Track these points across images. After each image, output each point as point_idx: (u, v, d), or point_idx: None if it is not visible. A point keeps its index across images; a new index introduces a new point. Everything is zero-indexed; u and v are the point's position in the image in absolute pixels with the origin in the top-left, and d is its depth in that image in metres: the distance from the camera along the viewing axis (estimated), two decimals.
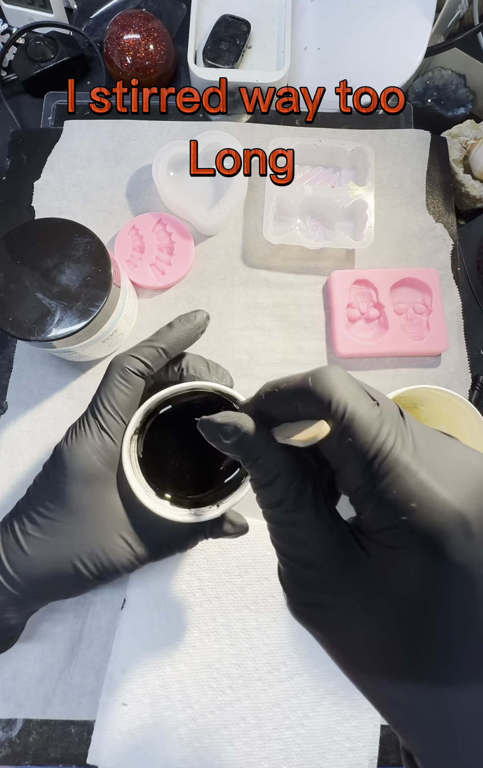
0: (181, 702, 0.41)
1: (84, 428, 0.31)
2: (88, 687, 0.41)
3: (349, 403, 0.19)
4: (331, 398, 0.19)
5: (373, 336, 0.47)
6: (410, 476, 0.17)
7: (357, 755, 0.40)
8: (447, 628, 0.17)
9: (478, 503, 0.17)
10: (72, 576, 0.30)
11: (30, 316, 0.37)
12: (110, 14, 0.58)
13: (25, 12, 0.57)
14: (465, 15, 0.54)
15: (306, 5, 0.54)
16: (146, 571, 0.43)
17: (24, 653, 0.42)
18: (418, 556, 0.17)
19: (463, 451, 0.19)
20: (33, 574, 0.30)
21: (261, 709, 0.41)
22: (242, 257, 0.49)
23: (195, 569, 0.43)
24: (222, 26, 0.53)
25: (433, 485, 0.17)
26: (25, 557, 0.30)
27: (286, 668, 0.41)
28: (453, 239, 0.50)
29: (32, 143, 0.52)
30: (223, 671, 0.41)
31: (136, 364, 0.31)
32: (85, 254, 0.39)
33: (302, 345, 0.48)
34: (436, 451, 0.19)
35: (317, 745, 0.40)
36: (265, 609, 0.42)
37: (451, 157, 0.53)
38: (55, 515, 0.30)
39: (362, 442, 0.18)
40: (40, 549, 0.30)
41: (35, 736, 0.41)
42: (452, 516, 0.17)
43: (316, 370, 0.20)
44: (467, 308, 0.49)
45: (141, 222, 0.49)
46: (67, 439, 0.31)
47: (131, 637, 0.42)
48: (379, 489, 0.18)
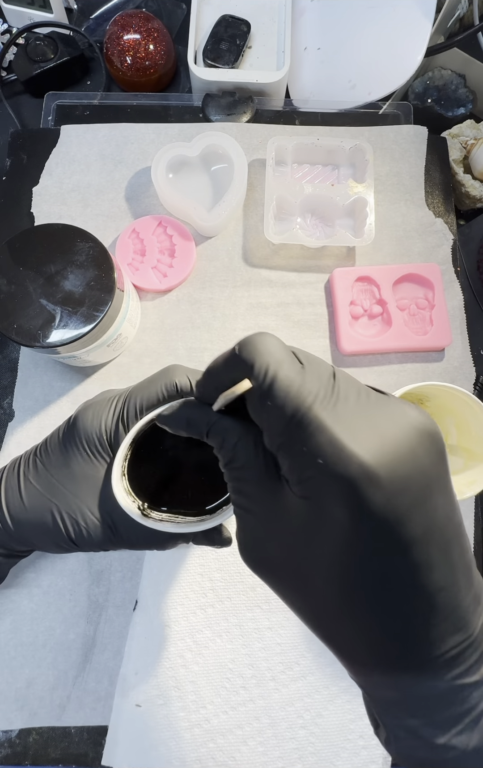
0: (195, 702, 0.41)
1: (108, 411, 0.32)
2: (103, 692, 0.41)
3: (271, 365, 0.20)
4: (253, 362, 0.20)
5: (376, 332, 0.47)
6: (321, 433, 0.18)
7: (371, 753, 0.40)
8: (368, 579, 0.19)
9: (389, 455, 0.18)
10: (51, 531, 0.31)
11: (34, 323, 0.38)
12: (110, 14, 0.58)
13: (25, 12, 0.57)
14: (465, 15, 0.54)
15: (306, 5, 0.54)
16: (157, 572, 0.43)
17: (37, 661, 0.42)
18: (334, 507, 0.18)
19: (394, 407, 0.20)
20: (21, 517, 0.32)
21: (274, 708, 0.41)
22: (243, 257, 0.49)
23: (206, 570, 0.43)
24: (222, 26, 0.53)
25: (342, 440, 0.18)
26: (19, 501, 0.32)
27: (299, 667, 0.42)
28: (453, 234, 0.50)
29: (32, 143, 0.52)
30: (236, 671, 0.41)
31: (183, 386, 0.31)
32: (88, 259, 0.39)
33: (306, 343, 0.48)
34: (363, 408, 0.19)
35: (331, 744, 0.40)
36: (277, 608, 0.43)
37: (451, 157, 0.53)
38: (54, 472, 0.32)
39: (280, 402, 0.19)
40: (34, 498, 0.31)
41: (35, 736, 0.41)
42: (356, 468, 0.18)
43: (244, 338, 0.21)
44: (468, 308, 0.49)
45: (141, 225, 0.49)
46: (89, 410, 0.32)
47: (144, 638, 0.42)
48: (293, 446, 0.19)
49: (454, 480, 0.39)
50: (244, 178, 0.47)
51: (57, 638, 0.42)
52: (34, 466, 0.32)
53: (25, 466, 0.33)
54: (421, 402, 0.44)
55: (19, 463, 0.33)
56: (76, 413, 0.32)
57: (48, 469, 0.32)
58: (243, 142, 0.51)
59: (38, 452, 0.33)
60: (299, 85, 0.55)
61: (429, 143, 0.53)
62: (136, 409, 0.31)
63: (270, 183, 0.48)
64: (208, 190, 0.50)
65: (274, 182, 0.48)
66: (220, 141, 0.47)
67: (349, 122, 0.54)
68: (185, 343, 0.48)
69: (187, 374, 0.32)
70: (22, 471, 0.32)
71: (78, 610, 0.43)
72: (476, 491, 0.36)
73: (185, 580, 0.43)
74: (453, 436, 0.42)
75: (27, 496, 0.32)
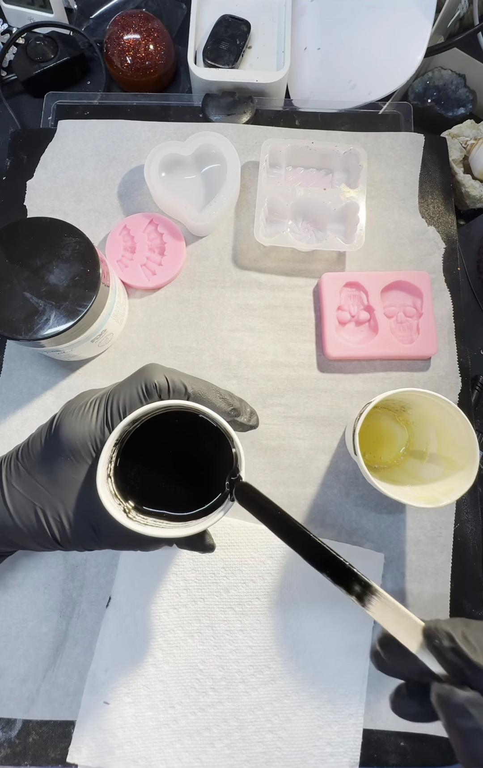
0: (164, 702, 0.41)
1: (90, 415, 0.32)
2: (72, 687, 0.41)
3: None
4: None
5: (363, 339, 0.47)
6: None
7: (338, 760, 0.40)
8: None
9: None
10: (36, 533, 0.31)
11: (17, 315, 0.37)
12: (110, 14, 0.58)
13: (25, 12, 0.57)
14: (465, 15, 0.54)
15: (306, 5, 0.54)
16: (132, 570, 0.43)
17: (8, 652, 0.42)
18: None
19: None
20: (6, 521, 0.32)
21: (243, 711, 0.41)
22: (233, 258, 0.49)
23: (181, 569, 0.43)
24: (222, 26, 0.53)
25: None
26: (3, 505, 0.32)
27: (269, 671, 0.41)
28: (445, 242, 0.50)
29: (32, 143, 0.52)
30: (206, 672, 0.41)
31: (161, 386, 0.31)
32: (74, 254, 0.39)
33: (292, 347, 0.48)
34: None
35: (299, 750, 0.40)
36: (251, 611, 0.42)
37: (451, 157, 0.53)
38: (38, 477, 0.32)
39: None
40: (18, 502, 0.32)
41: (35, 736, 0.41)
42: None
43: None
44: (467, 308, 0.49)
45: (133, 222, 0.49)
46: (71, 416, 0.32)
47: (115, 635, 0.42)
48: None
49: (432, 488, 0.39)
50: (237, 178, 0.47)
51: (29, 631, 0.42)
52: (17, 471, 0.32)
53: (8, 470, 0.33)
54: (403, 409, 0.44)
55: (1, 467, 0.33)
56: (59, 420, 0.32)
57: (31, 474, 0.32)
58: (238, 143, 0.51)
59: (20, 456, 0.33)
60: (299, 85, 0.55)
61: (429, 143, 0.53)
62: (119, 410, 0.31)
63: (262, 185, 0.48)
64: (201, 189, 0.50)
65: (266, 184, 0.48)
66: (214, 141, 0.47)
67: (349, 122, 0.54)
68: (171, 341, 0.48)
69: (164, 374, 0.32)
70: (5, 476, 0.33)
71: (52, 603, 0.43)
72: (453, 499, 0.36)
73: (160, 579, 0.43)
74: (433, 444, 0.42)
75: (11, 500, 0.32)
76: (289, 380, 0.47)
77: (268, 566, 0.43)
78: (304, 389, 0.47)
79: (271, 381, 0.47)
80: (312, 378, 0.47)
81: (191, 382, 0.32)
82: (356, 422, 0.40)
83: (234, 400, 0.34)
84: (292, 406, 0.46)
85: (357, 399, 0.47)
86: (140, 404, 0.31)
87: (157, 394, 0.31)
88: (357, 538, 0.44)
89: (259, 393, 0.47)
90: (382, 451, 0.45)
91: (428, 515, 0.45)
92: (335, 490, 0.45)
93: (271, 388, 0.47)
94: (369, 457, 0.45)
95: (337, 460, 0.46)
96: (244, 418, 0.35)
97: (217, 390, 0.33)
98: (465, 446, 0.38)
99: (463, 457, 0.38)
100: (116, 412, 0.31)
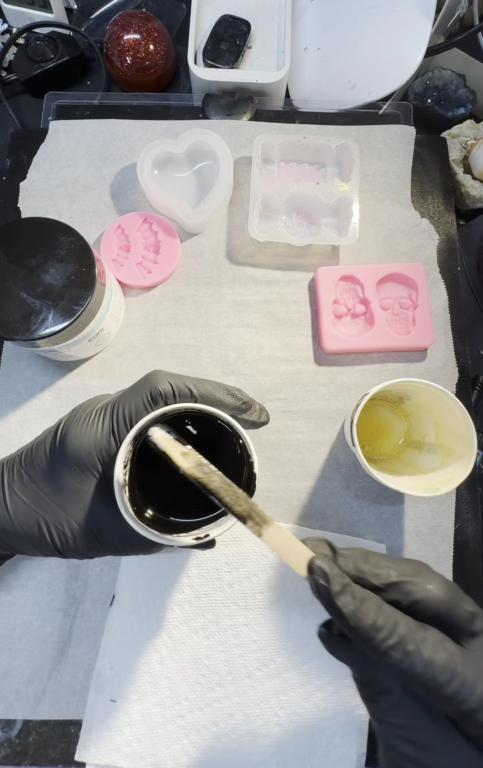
0: (170, 698, 0.41)
1: (97, 425, 0.31)
2: (78, 686, 0.41)
3: None
4: None
5: (359, 332, 0.48)
6: None
7: (346, 751, 0.40)
8: None
9: None
10: (37, 540, 0.31)
11: (14, 315, 0.38)
12: (110, 14, 0.58)
13: (25, 12, 0.57)
14: (465, 15, 0.54)
15: (306, 5, 0.54)
16: (135, 568, 0.43)
17: (14, 653, 0.42)
18: None
19: None
20: (7, 527, 0.31)
21: (250, 705, 0.41)
22: (228, 255, 0.50)
23: (184, 566, 0.43)
24: (222, 26, 0.53)
25: None
26: (4, 511, 0.31)
27: (275, 665, 0.41)
28: (439, 234, 0.50)
29: (32, 143, 0.52)
30: (211, 668, 0.41)
31: (166, 392, 0.31)
32: (69, 253, 0.39)
33: (289, 342, 0.48)
34: None
35: (306, 742, 0.40)
36: (254, 605, 0.42)
37: (451, 157, 0.53)
38: (41, 485, 0.31)
39: None
40: (20, 509, 0.31)
41: (35, 736, 0.41)
42: None
43: None
44: (467, 308, 0.49)
45: (127, 221, 0.49)
46: (77, 425, 0.31)
47: (120, 633, 0.42)
48: None
49: (431, 477, 0.39)
50: (230, 175, 0.48)
51: (34, 631, 0.42)
52: (20, 477, 0.32)
53: (9, 476, 0.32)
54: (401, 400, 0.44)
55: (3, 473, 0.33)
56: (64, 430, 0.32)
57: (34, 482, 0.32)
58: (230, 139, 0.51)
59: (23, 463, 0.32)
60: (299, 85, 0.55)
61: (429, 143, 0.53)
62: (125, 419, 0.31)
63: (255, 181, 0.48)
64: (194, 187, 0.50)
65: (259, 180, 0.48)
66: (206, 138, 0.48)
67: (349, 122, 0.54)
68: (168, 339, 0.48)
69: (168, 380, 0.31)
70: (7, 482, 0.32)
71: (55, 603, 0.43)
72: (452, 487, 0.37)
73: (163, 576, 0.43)
74: (432, 434, 0.42)
75: (13, 507, 0.31)
76: (287, 375, 0.47)
77: (270, 560, 0.43)
78: (302, 383, 0.47)
79: (269, 376, 0.47)
80: (310, 372, 0.47)
81: (197, 384, 0.32)
82: (354, 414, 0.40)
83: (243, 395, 0.34)
84: (290, 401, 0.47)
85: (355, 391, 0.47)
86: (146, 412, 0.30)
87: (163, 401, 0.31)
88: (359, 529, 0.44)
89: (258, 388, 0.47)
90: (381, 443, 0.45)
91: (429, 505, 0.45)
92: (336, 482, 0.45)
93: (269, 383, 0.47)
94: (368, 448, 0.45)
95: (337, 452, 0.46)
96: (255, 416, 0.35)
97: (226, 387, 0.33)
98: (463, 435, 0.38)
99: (461, 445, 0.38)
100: (122, 421, 0.31)
